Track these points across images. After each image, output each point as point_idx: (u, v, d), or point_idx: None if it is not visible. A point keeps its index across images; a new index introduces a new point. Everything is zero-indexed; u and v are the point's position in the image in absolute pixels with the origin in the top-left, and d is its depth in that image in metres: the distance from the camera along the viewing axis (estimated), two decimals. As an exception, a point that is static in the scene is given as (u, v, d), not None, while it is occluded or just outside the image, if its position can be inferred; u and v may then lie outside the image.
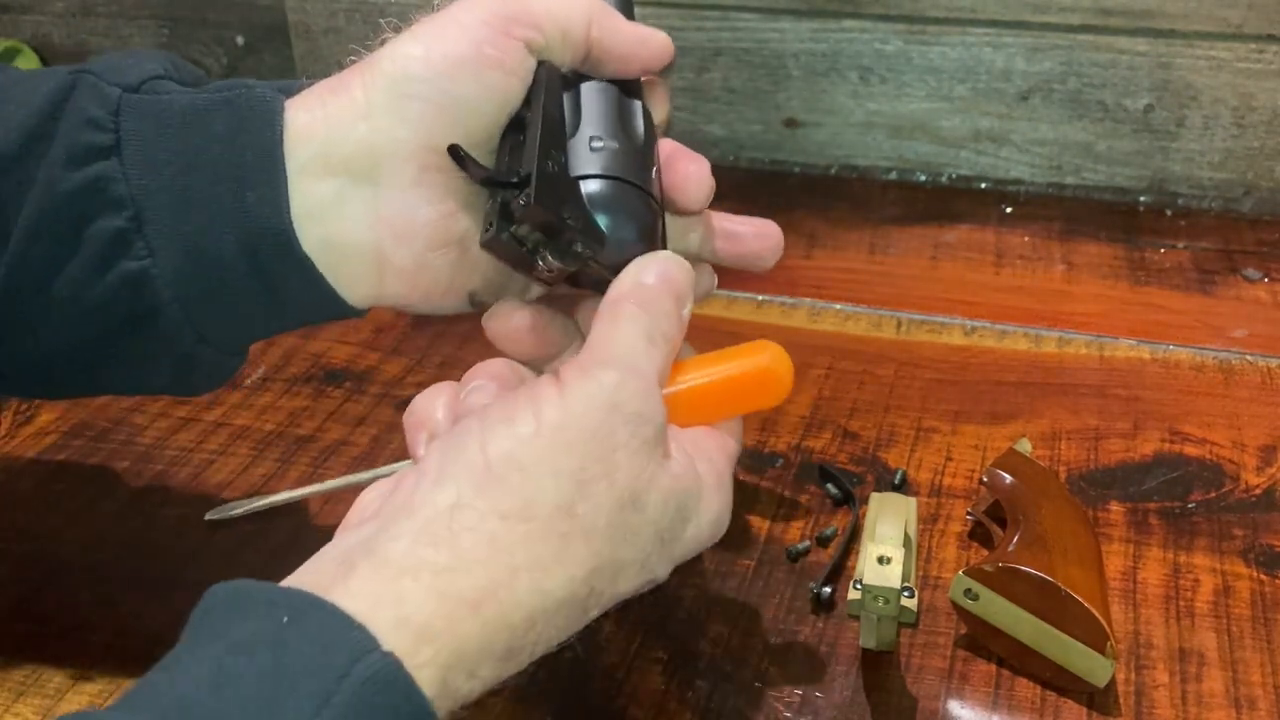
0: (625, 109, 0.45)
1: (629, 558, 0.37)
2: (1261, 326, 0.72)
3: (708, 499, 0.40)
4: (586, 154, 0.43)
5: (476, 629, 0.34)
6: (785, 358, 0.43)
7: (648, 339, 0.39)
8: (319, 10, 0.98)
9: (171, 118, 0.42)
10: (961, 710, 0.47)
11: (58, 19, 1.06)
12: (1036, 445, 0.60)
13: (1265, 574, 0.53)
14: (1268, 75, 0.80)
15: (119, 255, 0.42)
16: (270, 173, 0.41)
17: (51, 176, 0.41)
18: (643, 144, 0.45)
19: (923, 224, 0.84)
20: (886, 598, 0.45)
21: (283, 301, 0.44)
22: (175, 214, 0.41)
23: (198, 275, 0.42)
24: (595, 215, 0.41)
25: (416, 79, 0.42)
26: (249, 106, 0.42)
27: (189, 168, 0.41)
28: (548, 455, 0.36)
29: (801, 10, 0.87)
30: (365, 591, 0.33)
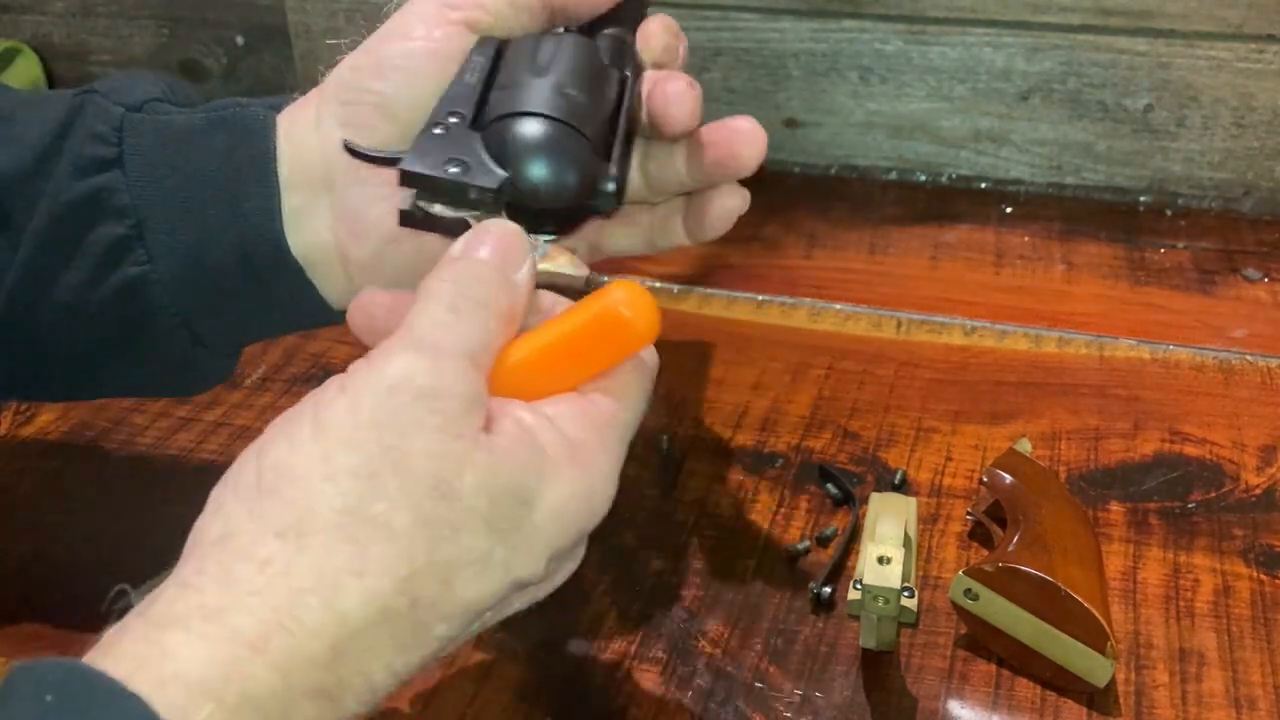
0: (596, 70, 0.44)
1: (456, 557, 0.32)
2: (1261, 326, 0.72)
3: (554, 475, 0.34)
4: (545, 91, 0.42)
5: (265, 671, 0.29)
6: (637, 294, 0.36)
7: (449, 309, 0.35)
8: (319, 10, 0.98)
9: (171, 134, 0.44)
10: (961, 710, 0.47)
11: (58, 19, 1.06)
12: (1036, 445, 0.60)
13: (1265, 574, 0.53)
14: (1268, 75, 0.80)
15: (120, 261, 0.44)
16: (264, 184, 0.44)
17: (58, 187, 0.43)
18: (610, 109, 0.44)
19: (923, 224, 0.84)
20: (886, 598, 0.45)
21: (274, 305, 0.46)
22: (174, 223, 0.44)
23: (195, 280, 0.44)
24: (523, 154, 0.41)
25: (348, 85, 0.44)
26: (244, 124, 0.45)
27: (187, 180, 0.44)
28: (323, 457, 0.32)
29: (801, 10, 0.87)
30: (130, 653, 0.29)
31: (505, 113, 0.42)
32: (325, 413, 0.33)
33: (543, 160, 0.41)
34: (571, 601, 0.53)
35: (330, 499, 0.31)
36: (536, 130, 0.41)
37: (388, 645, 0.31)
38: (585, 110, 0.42)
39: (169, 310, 0.45)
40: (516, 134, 0.41)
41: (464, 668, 0.49)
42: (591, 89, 0.43)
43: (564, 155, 0.41)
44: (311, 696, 0.30)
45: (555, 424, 0.35)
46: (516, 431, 0.34)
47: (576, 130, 0.42)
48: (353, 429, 0.32)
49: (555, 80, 0.42)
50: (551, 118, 0.41)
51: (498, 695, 0.48)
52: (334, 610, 0.30)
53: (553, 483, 0.34)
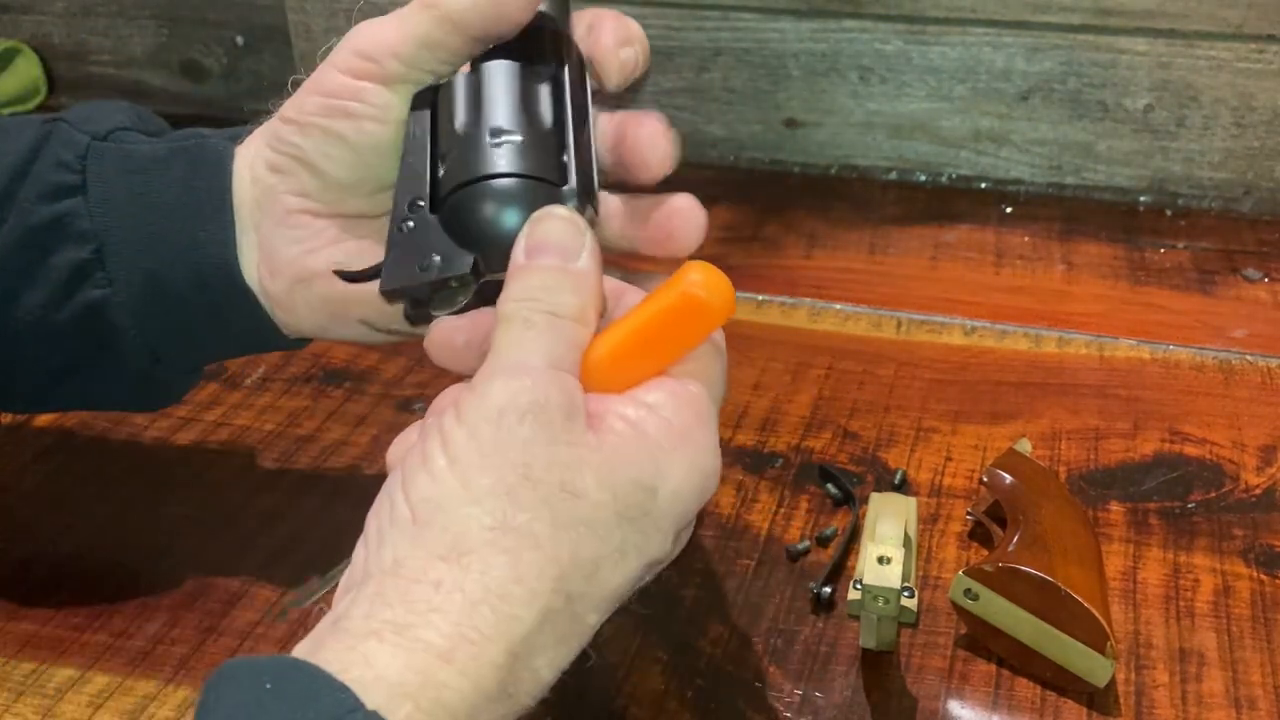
0: (526, 87, 0.43)
1: (597, 551, 0.35)
2: (1261, 326, 0.72)
3: (669, 457, 0.36)
4: (485, 150, 0.42)
5: (455, 677, 0.32)
6: (712, 274, 0.38)
7: (525, 326, 0.37)
8: (319, 10, 0.98)
9: (134, 163, 0.46)
10: (961, 710, 0.47)
11: (58, 19, 1.06)
12: (1036, 445, 0.60)
13: (1265, 574, 0.53)
14: (1268, 75, 0.80)
15: (82, 284, 0.46)
16: (219, 213, 0.46)
17: (23, 211, 0.45)
18: (551, 120, 0.43)
19: (923, 224, 0.84)
20: (886, 598, 0.45)
21: (229, 329, 0.48)
22: (134, 248, 0.46)
23: (154, 304, 0.46)
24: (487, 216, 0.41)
25: (275, 134, 0.46)
26: (203, 155, 0.47)
27: (147, 208, 0.46)
28: (462, 484, 0.34)
29: (801, 10, 0.87)
30: (334, 657, 0.32)
31: (451, 188, 0.42)
32: (452, 444, 0.35)
33: (502, 222, 0.41)
34: (571, 601, 0.53)
35: (479, 519, 0.34)
36: (485, 196, 0.41)
37: (551, 641, 0.34)
38: (525, 147, 0.42)
39: (129, 331, 0.46)
40: (469, 208, 0.41)
41: (464, 668, 0.49)
42: (523, 119, 0.42)
43: (519, 207, 0.41)
44: (494, 698, 0.33)
45: (657, 412, 0.37)
46: (623, 427, 0.36)
47: (522, 176, 0.41)
48: (480, 455, 0.35)
49: (485, 128, 0.42)
50: (493, 176, 0.41)
51: (498, 695, 0.48)
52: (506, 617, 0.33)
53: (669, 467, 0.36)
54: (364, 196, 0.45)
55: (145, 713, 0.48)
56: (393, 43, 0.43)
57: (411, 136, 0.44)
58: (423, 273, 0.42)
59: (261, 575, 0.54)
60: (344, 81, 0.44)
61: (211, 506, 0.59)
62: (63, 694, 0.48)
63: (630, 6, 0.92)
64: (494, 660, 0.33)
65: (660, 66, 0.91)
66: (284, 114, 0.46)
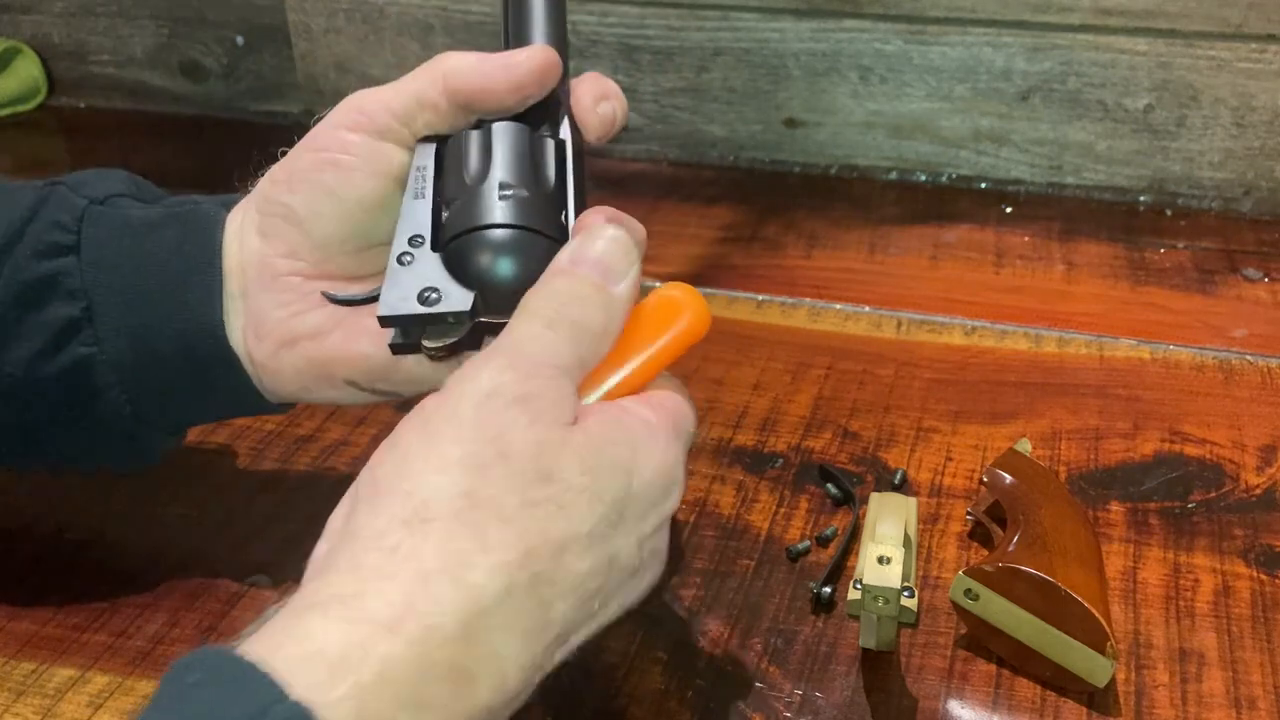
0: (533, 148, 0.45)
1: (567, 531, 0.34)
2: (1261, 326, 0.72)
3: (646, 446, 0.36)
4: (492, 201, 0.44)
5: (401, 648, 0.30)
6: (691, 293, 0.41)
7: (547, 325, 0.37)
8: (319, 10, 0.98)
9: (127, 226, 0.47)
10: (961, 710, 0.47)
11: (58, 19, 1.06)
12: (1036, 445, 0.60)
13: (1265, 574, 0.53)
14: (1268, 75, 0.80)
15: (70, 341, 0.46)
16: (207, 277, 0.47)
17: (18, 267, 0.46)
18: (553, 182, 0.45)
19: (923, 224, 0.84)
20: (886, 598, 0.45)
21: (213, 391, 0.48)
22: (123, 309, 0.47)
23: (140, 364, 0.47)
24: (491, 262, 0.43)
25: (264, 195, 0.47)
26: (195, 220, 0.48)
27: (138, 269, 0.47)
28: (433, 454, 0.34)
29: (801, 10, 0.87)
30: (272, 635, 0.30)
31: (458, 232, 0.43)
32: (429, 418, 0.35)
33: (503, 269, 0.43)
34: (571, 601, 0.53)
35: (445, 488, 0.33)
36: (490, 243, 0.43)
37: (513, 621, 0.33)
38: (529, 203, 0.44)
39: (114, 390, 0.47)
40: (473, 252, 0.43)
41: (464, 668, 0.49)
42: (529, 176, 0.44)
43: (521, 257, 0.43)
44: (445, 677, 0.31)
45: (636, 411, 0.38)
46: (604, 416, 0.37)
47: (526, 229, 0.43)
48: (456, 428, 0.34)
49: (493, 181, 0.44)
50: (500, 226, 0.43)
51: (498, 695, 0.48)
52: (464, 587, 0.32)
53: (645, 456, 0.36)
54: (351, 254, 0.46)
55: (145, 713, 0.48)
56: (388, 99, 0.45)
57: (417, 172, 0.46)
58: (423, 303, 0.43)
59: (262, 575, 0.54)
60: (335, 135, 0.46)
61: (211, 506, 0.59)
62: (63, 694, 0.48)
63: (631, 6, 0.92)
64: (446, 632, 0.31)
65: (660, 66, 0.91)
66: (274, 174, 0.47)
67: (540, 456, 0.34)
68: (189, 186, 0.95)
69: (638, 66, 0.91)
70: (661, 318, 0.40)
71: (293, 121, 1.03)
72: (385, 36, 0.97)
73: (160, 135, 1.04)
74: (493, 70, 0.45)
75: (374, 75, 0.99)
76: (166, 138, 1.03)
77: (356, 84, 1.07)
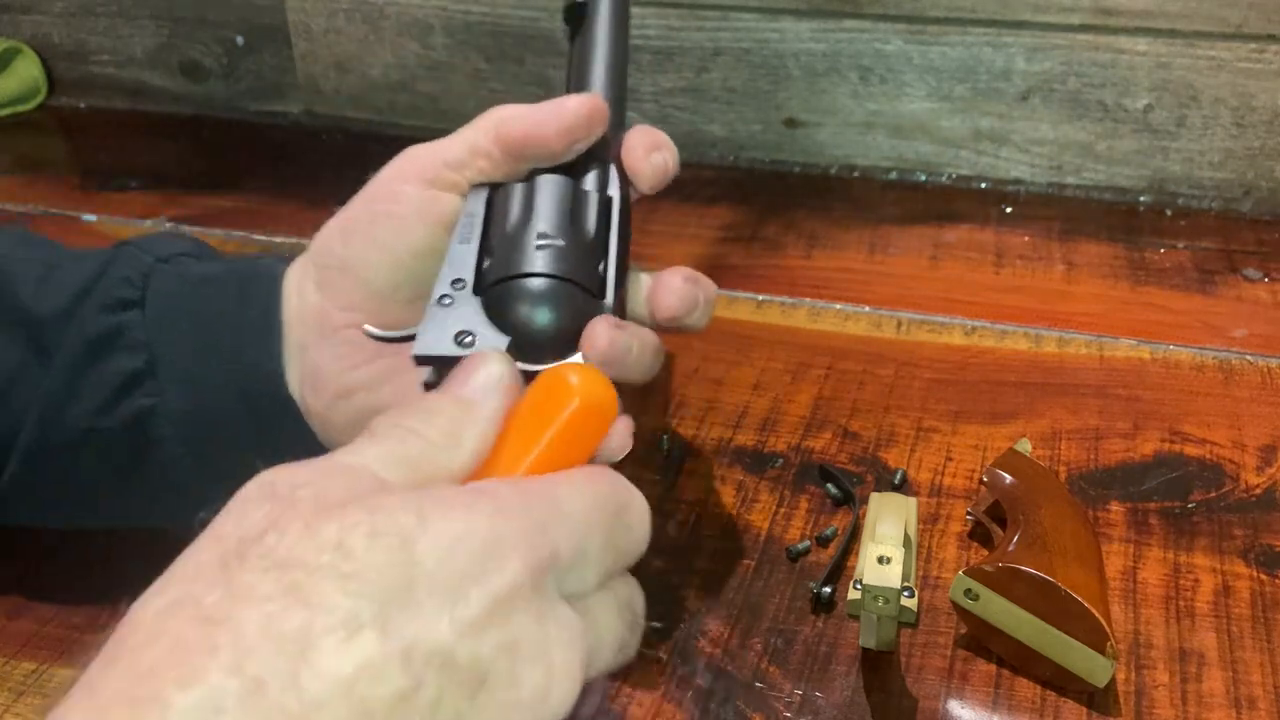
0: (575, 200, 0.46)
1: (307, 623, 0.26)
2: (1261, 326, 0.72)
3: (438, 511, 0.29)
4: (529, 250, 0.45)
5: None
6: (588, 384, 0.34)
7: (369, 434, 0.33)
8: (319, 10, 0.98)
9: (190, 281, 0.49)
10: (961, 710, 0.47)
11: (58, 19, 1.06)
12: (1036, 445, 0.60)
13: (1265, 574, 0.53)
14: (1268, 75, 0.80)
15: (132, 392, 0.47)
16: (269, 328, 0.48)
17: (85, 321, 0.48)
18: (592, 234, 0.46)
19: (923, 224, 0.84)
20: (886, 598, 0.45)
21: (269, 440, 0.48)
22: (185, 360, 0.48)
23: (199, 413, 0.48)
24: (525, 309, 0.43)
25: (321, 249, 0.48)
26: (255, 274, 0.49)
27: (199, 322, 0.48)
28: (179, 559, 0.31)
29: (801, 10, 0.87)
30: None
31: (495, 279, 0.44)
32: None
33: (536, 317, 0.43)
34: (571, 601, 0.53)
35: (152, 600, 0.29)
36: (526, 292, 0.43)
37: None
38: (566, 253, 0.44)
39: (173, 441, 0.48)
40: (509, 298, 0.44)
41: (464, 668, 0.49)
42: (568, 227, 0.45)
43: (555, 305, 0.43)
44: None
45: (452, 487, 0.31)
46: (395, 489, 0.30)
47: (565, 280, 0.44)
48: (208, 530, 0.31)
49: (533, 231, 0.45)
50: (536, 274, 0.44)
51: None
52: (148, 701, 0.25)
53: (436, 518, 0.28)
54: (404, 303, 0.47)
55: (145, 713, 0.48)
56: (442, 150, 0.47)
57: (467, 218, 0.47)
58: (458, 344, 0.43)
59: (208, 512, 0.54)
60: (389, 187, 0.47)
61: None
62: (63, 694, 0.48)
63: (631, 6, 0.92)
64: None
65: (660, 66, 0.91)
66: (329, 228, 0.48)
67: (263, 539, 0.28)
68: (189, 186, 0.95)
69: (638, 66, 0.91)
70: (549, 403, 0.34)
71: (292, 121, 1.03)
72: (385, 36, 0.97)
73: (160, 135, 1.04)
74: (542, 117, 0.46)
75: (374, 75, 0.99)
76: (166, 138, 1.03)
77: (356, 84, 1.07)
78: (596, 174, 0.49)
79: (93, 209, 0.89)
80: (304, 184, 0.92)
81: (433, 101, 0.98)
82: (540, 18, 0.92)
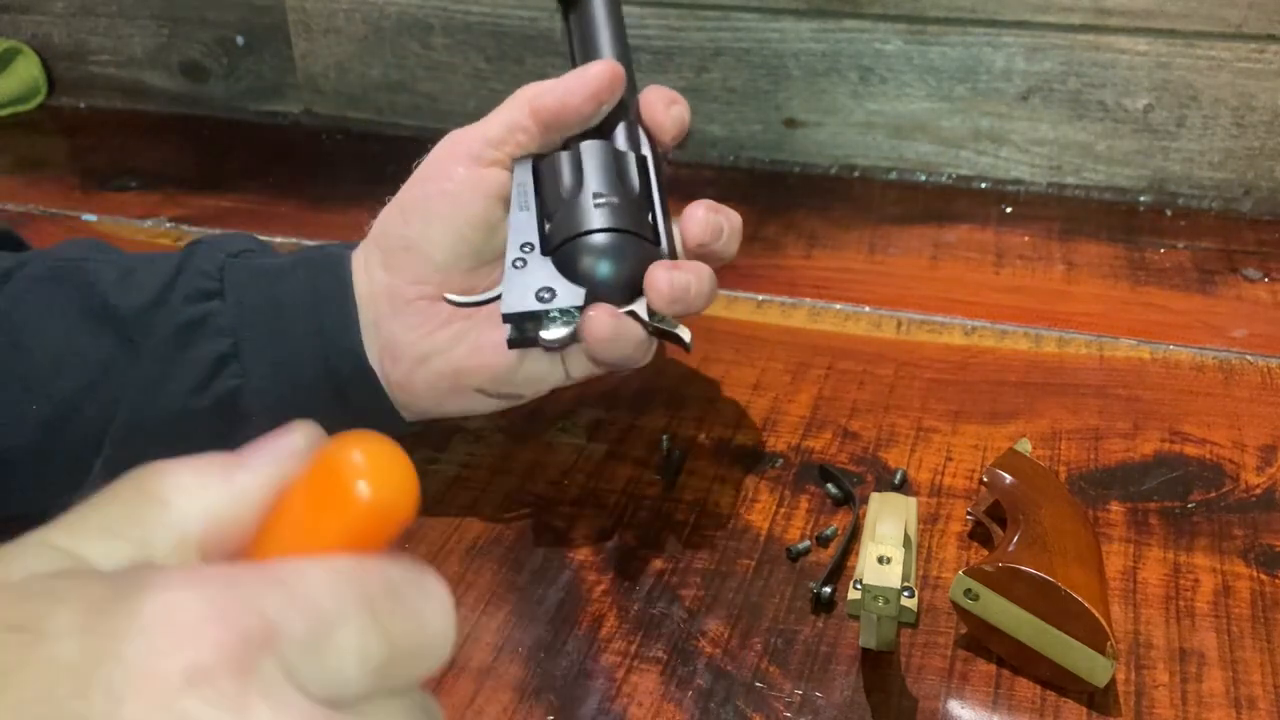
0: (618, 162, 0.52)
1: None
2: (1261, 326, 0.72)
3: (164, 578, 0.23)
4: (589, 209, 0.50)
5: None
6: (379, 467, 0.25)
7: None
8: (319, 10, 0.98)
9: (262, 272, 0.53)
10: (961, 710, 0.47)
11: (58, 19, 1.06)
12: (1036, 445, 0.60)
13: (1265, 574, 0.53)
14: (1268, 75, 0.80)
15: (220, 373, 0.51)
16: (343, 306, 0.52)
17: (172, 312, 0.51)
18: (638, 189, 0.52)
19: (923, 224, 0.84)
20: (886, 598, 0.45)
21: (350, 410, 0.52)
22: (265, 342, 0.51)
23: (283, 391, 0.51)
24: (595, 262, 0.49)
25: (382, 231, 0.53)
26: (324, 260, 0.54)
27: (276, 307, 0.52)
28: None
29: (801, 10, 0.87)
30: None
31: (564, 238, 0.49)
32: None
33: (608, 268, 0.49)
34: (571, 601, 0.53)
35: None
36: (593, 247, 0.49)
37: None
38: (621, 208, 0.50)
39: (262, 416, 0.51)
40: (581, 254, 0.49)
41: (464, 668, 0.49)
42: (620, 187, 0.51)
43: (623, 258, 0.49)
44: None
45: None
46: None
47: (623, 231, 0.49)
48: None
49: (588, 192, 0.50)
50: (600, 230, 0.49)
51: (498, 695, 0.48)
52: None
53: (163, 582, 0.23)
54: (466, 272, 0.52)
55: (145, 713, 0.48)
56: (483, 130, 0.52)
57: (519, 189, 0.51)
58: (540, 301, 0.48)
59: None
60: (440, 166, 0.52)
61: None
62: None
63: (631, 6, 0.92)
64: None
65: (660, 66, 0.91)
66: (388, 212, 0.53)
67: None
68: (189, 186, 0.95)
69: (638, 66, 0.91)
70: (327, 491, 0.26)
71: (292, 121, 1.03)
72: (385, 36, 0.97)
73: (160, 135, 1.04)
74: (570, 85, 0.51)
75: (374, 75, 0.99)
76: (166, 138, 1.03)
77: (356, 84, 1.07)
78: (627, 134, 0.53)
79: (92, 209, 0.89)
80: (304, 184, 0.92)
81: (432, 101, 0.98)
82: (540, 18, 0.92)
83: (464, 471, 0.60)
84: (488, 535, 0.57)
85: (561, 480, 0.60)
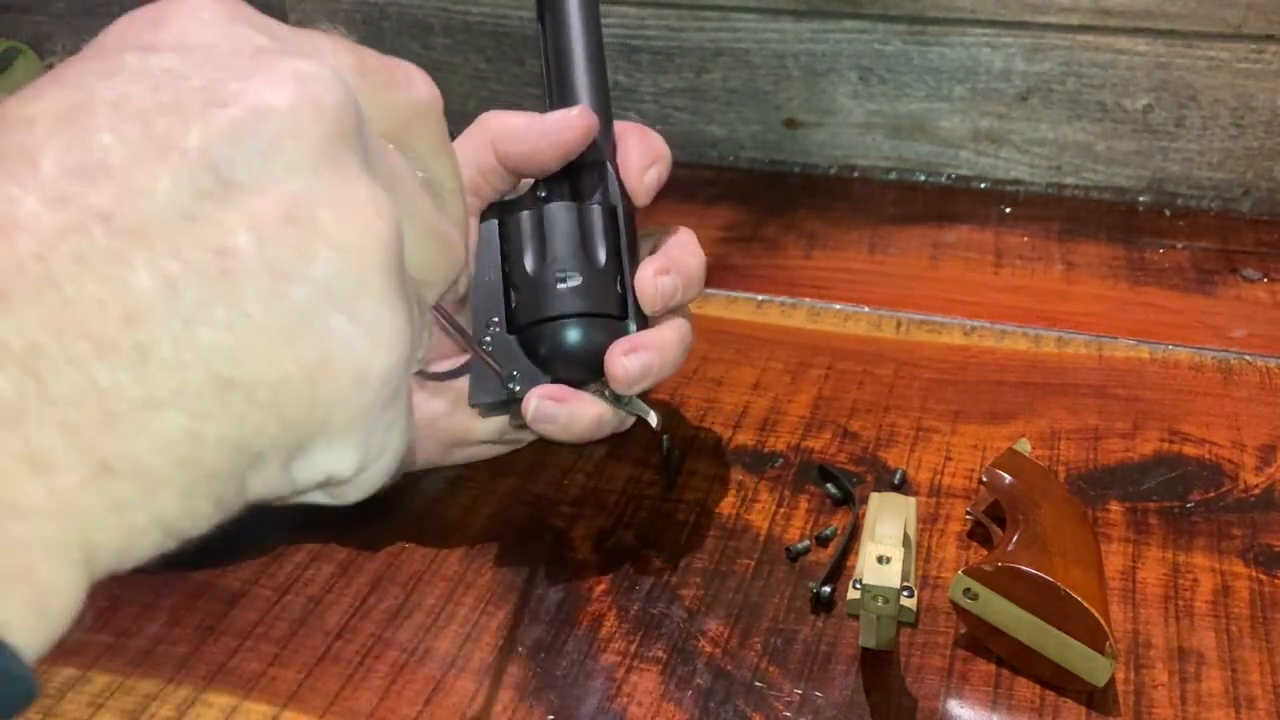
0: (584, 226, 0.51)
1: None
2: (1261, 326, 0.72)
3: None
4: (552, 290, 0.50)
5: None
6: None
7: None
8: (319, 10, 0.98)
9: None
10: (961, 710, 0.47)
11: (58, 19, 1.06)
12: (1036, 445, 0.60)
13: (1264, 574, 0.53)
14: (1267, 75, 0.80)
15: None
16: None
17: None
18: (604, 255, 0.51)
19: (923, 224, 0.84)
20: (886, 597, 0.45)
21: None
22: None
23: None
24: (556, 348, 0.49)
25: None
26: None
27: None
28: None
29: (801, 10, 0.87)
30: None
31: (525, 323, 0.50)
32: None
33: (572, 354, 0.49)
34: (571, 601, 0.53)
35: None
36: (556, 332, 0.49)
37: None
38: (585, 287, 0.49)
39: None
40: (543, 339, 0.49)
41: (464, 668, 0.50)
42: (584, 260, 0.50)
43: (587, 342, 0.49)
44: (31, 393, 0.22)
45: None
46: None
47: (590, 314, 0.49)
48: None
49: (555, 273, 0.49)
50: (562, 316, 0.49)
51: (498, 695, 0.48)
52: None
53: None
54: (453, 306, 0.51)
55: (146, 712, 0.48)
56: None
57: (483, 249, 0.51)
58: (507, 389, 0.49)
59: (262, 575, 0.54)
60: None
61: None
62: (63, 694, 0.49)
63: (631, 6, 0.92)
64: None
65: (660, 66, 0.91)
66: None
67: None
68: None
69: (638, 67, 0.91)
70: None
71: (293, 121, 1.03)
72: (385, 36, 0.97)
73: (160, 135, 1.04)
74: (538, 137, 0.50)
75: (374, 75, 0.99)
76: (166, 138, 1.03)
77: (356, 84, 1.04)
78: (595, 179, 0.52)
79: (93, 209, 0.89)
80: (304, 184, 0.91)
81: (433, 101, 0.98)
82: (540, 18, 0.92)
83: (464, 471, 0.60)
84: (488, 535, 0.57)
85: (561, 480, 0.60)
